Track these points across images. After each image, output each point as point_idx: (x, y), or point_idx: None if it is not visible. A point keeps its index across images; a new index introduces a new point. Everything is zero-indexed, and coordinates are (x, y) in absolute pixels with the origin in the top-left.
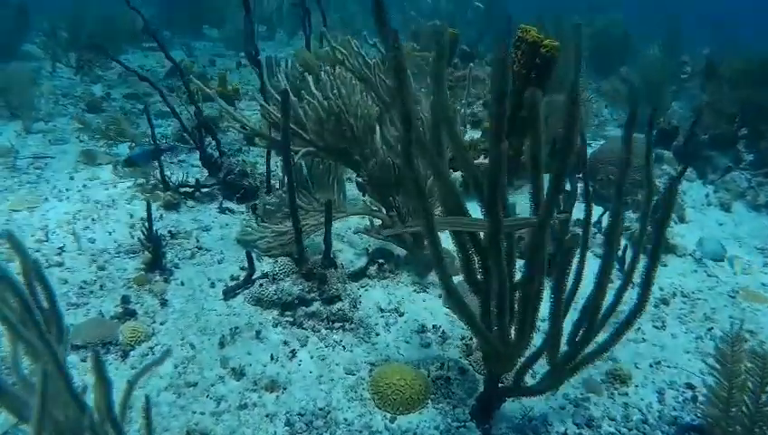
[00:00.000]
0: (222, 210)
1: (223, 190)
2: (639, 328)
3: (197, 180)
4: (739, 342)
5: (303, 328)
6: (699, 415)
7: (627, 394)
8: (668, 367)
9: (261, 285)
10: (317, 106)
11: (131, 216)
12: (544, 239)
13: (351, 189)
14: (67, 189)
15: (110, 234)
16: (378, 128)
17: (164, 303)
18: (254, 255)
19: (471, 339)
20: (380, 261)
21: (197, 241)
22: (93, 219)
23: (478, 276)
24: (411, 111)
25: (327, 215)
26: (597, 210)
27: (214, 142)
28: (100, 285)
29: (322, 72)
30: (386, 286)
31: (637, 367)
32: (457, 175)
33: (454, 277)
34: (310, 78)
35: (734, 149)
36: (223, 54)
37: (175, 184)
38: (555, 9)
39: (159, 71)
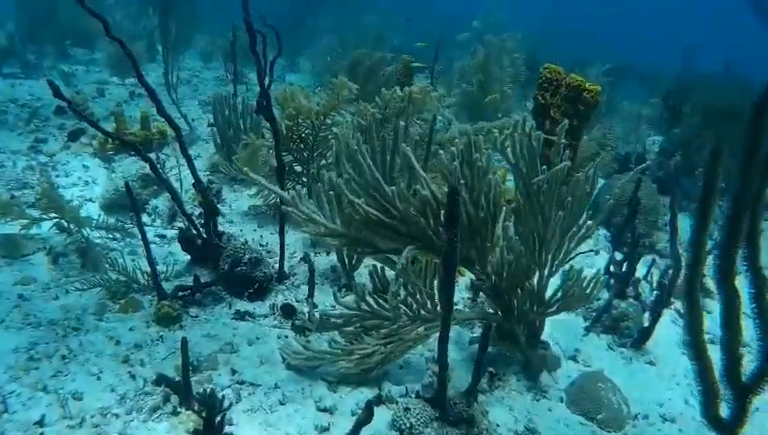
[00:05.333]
0: (239, 316)
1: (227, 286)
2: None
3: (197, 277)
4: None
5: None
6: None
7: None
8: None
9: None
10: (428, 197)
11: (117, 342)
12: None
13: None
14: None
15: (98, 378)
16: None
17: None
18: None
19: None
20: (491, 370)
21: (232, 372)
22: (64, 356)
23: None
24: None
25: (484, 337)
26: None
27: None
28: None
29: (441, 152)
30: (502, 399)
31: None
32: None
33: None
34: (407, 150)
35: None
36: (107, 82)
37: (160, 284)
38: None
39: (37, 105)
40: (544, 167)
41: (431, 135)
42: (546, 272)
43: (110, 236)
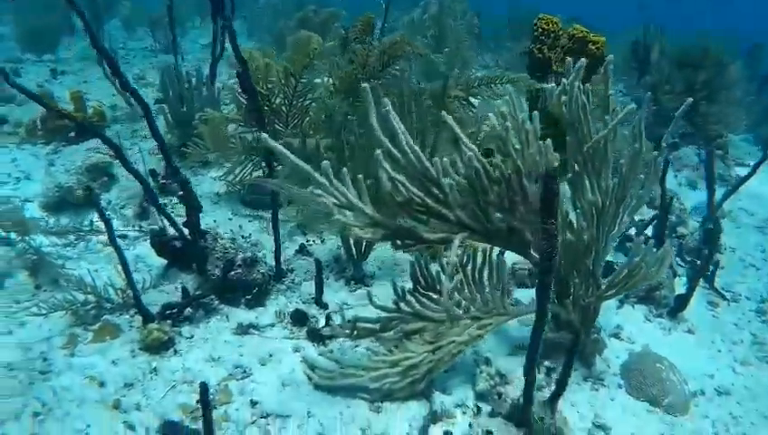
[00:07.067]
0: (243, 330)
1: (220, 293)
2: None
3: (185, 289)
4: None
5: None
6: None
7: None
8: None
9: None
10: (478, 168)
11: (101, 383)
12: None
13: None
14: None
15: None
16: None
17: None
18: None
19: None
20: (546, 364)
21: (252, 404)
22: (37, 413)
23: None
24: None
25: (570, 352)
26: None
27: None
28: None
29: (491, 115)
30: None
31: None
32: None
33: None
34: (448, 118)
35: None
36: (20, 60)
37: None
38: None
39: None
40: (599, 125)
41: (445, 92)
42: (602, 249)
43: (63, 241)
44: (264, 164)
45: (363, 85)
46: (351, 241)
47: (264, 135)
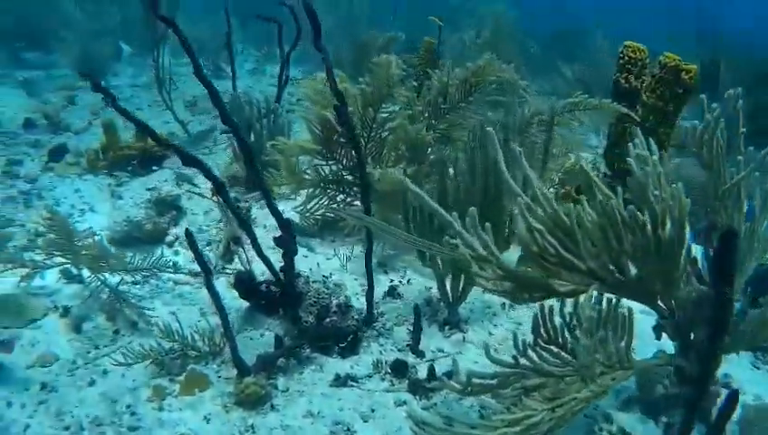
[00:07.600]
0: (341, 381)
1: (311, 341)
2: None
3: (279, 338)
4: None
5: None
6: None
7: None
8: None
9: None
10: (616, 215)
11: None
12: None
13: None
14: None
15: None
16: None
17: None
18: None
19: None
20: (664, 420)
21: None
22: None
23: None
24: None
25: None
26: None
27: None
28: None
29: (631, 161)
30: None
31: None
32: None
33: None
34: (584, 163)
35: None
36: (74, 87)
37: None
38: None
39: None
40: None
41: (553, 123)
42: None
43: (134, 279)
44: (339, 198)
45: (488, 129)
46: (447, 284)
47: (405, 178)
